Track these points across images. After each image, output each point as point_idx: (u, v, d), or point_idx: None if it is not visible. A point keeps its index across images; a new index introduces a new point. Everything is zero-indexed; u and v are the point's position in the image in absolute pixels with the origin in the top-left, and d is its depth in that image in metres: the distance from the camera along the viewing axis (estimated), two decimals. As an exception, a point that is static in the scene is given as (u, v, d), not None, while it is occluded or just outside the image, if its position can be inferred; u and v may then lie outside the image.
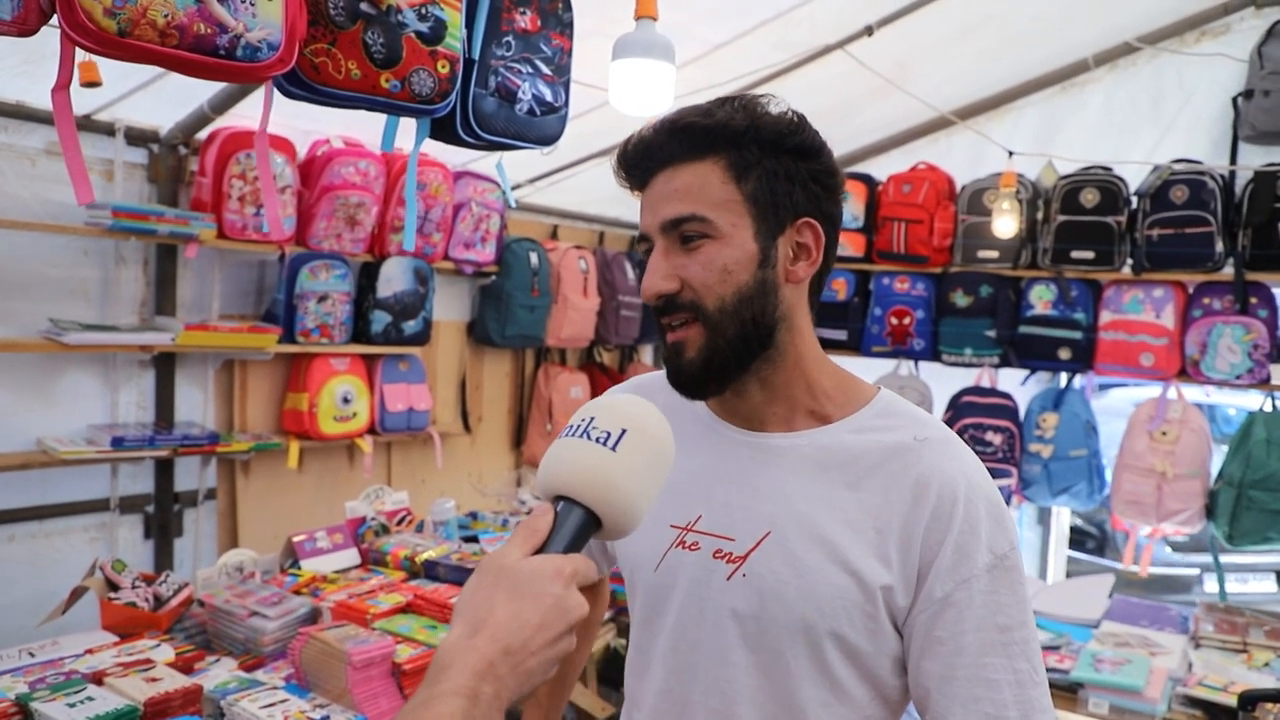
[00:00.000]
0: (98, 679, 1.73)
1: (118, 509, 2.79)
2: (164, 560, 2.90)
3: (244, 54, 1.36)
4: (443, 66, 1.60)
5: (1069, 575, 5.60)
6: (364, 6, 1.51)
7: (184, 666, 1.89)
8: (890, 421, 1.01)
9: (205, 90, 2.60)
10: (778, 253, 0.99)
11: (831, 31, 2.80)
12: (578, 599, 0.72)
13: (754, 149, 0.97)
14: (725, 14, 2.56)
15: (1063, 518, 3.88)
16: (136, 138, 2.74)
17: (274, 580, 2.32)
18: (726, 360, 0.98)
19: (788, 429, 1.03)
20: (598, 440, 0.77)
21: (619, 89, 1.77)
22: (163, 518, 2.89)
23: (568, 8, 1.87)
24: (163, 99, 2.61)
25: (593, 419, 0.79)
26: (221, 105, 2.62)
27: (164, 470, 2.89)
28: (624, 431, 0.77)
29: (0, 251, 2.50)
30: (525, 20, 1.79)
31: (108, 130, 2.67)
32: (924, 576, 0.94)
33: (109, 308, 2.73)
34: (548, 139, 1.89)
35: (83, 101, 2.57)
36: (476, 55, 1.73)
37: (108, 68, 2.12)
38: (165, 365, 2.87)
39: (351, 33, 1.51)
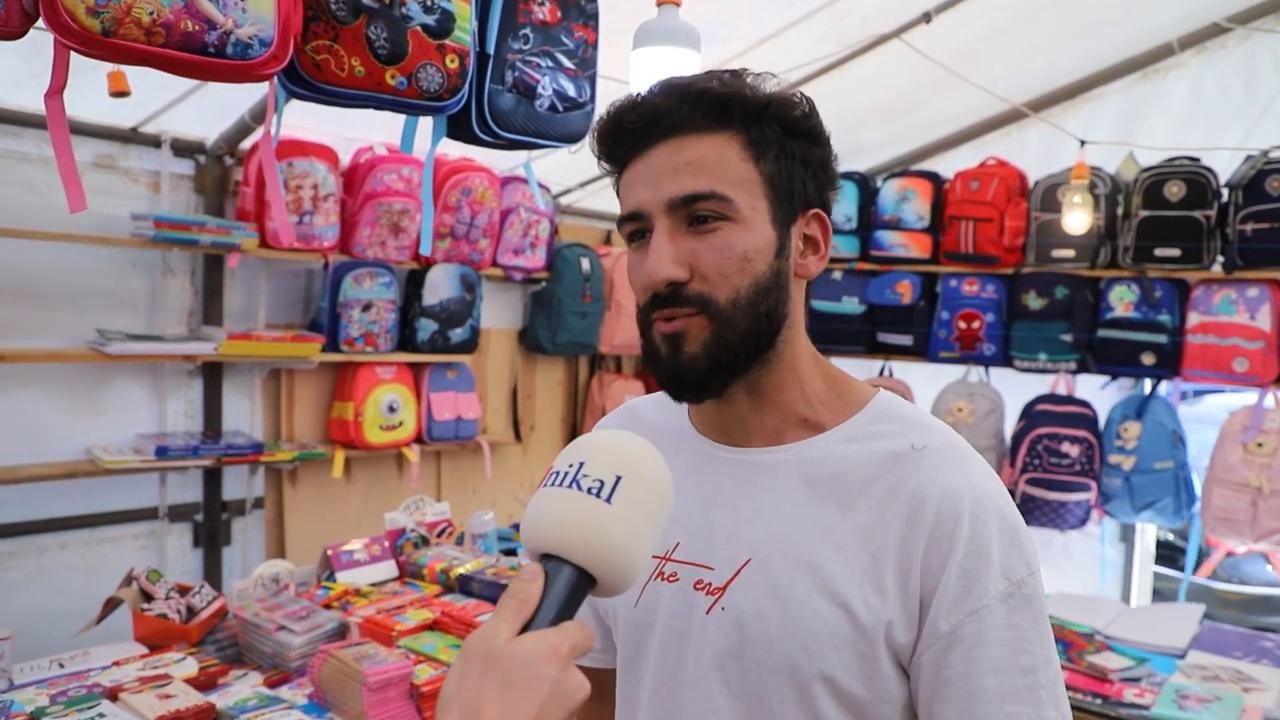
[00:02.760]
0: (114, 694, 1.70)
1: (166, 517, 2.81)
2: (213, 569, 2.91)
3: (235, 51, 1.31)
4: (452, 61, 1.53)
5: (1159, 593, 5.27)
6: (367, 0, 1.45)
7: (206, 681, 1.86)
8: (887, 428, 0.88)
9: (247, 100, 2.60)
10: (791, 243, 0.89)
11: (885, 20, 2.66)
12: (577, 680, 0.63)
13: (774, 126, 0.86)
14: (767, 6, 2.44)
15: (1148, 534, 3.60)
16: (183, 149, 2.76)
17: (306, 593, 2.28)
18: (735, 359, 0.86)
19: (775, 442, 0.91)
20: (589, 491, 0.67)
21: (641, 79, 1.67)
22: (211, 526, 2.90)
23: (591, -2, 1.79)
24: (205, 109, 2.62)
25: (582, 464, 0.69)
26: (262, 114, 2.60)
27: (212, 479, 2.90)
28: (619, 479, 0.68)
29: (50, 264, 2.54)
30: (544, 12, 1.71)
31: (154, 142, 2.69)
32: (926, 608, 0.81)
33: (157, 318, 2.76)
34: (572, 136, 1.81)
35: (128, 113, 2.60)
36: (491, 49, 1.65)
37: (150, 78, 2.13)
38: (213, 375, 2.88)
39: (354, 28, 1.45)
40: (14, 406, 2.50)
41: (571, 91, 1.77)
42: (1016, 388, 3.54)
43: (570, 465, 0.69)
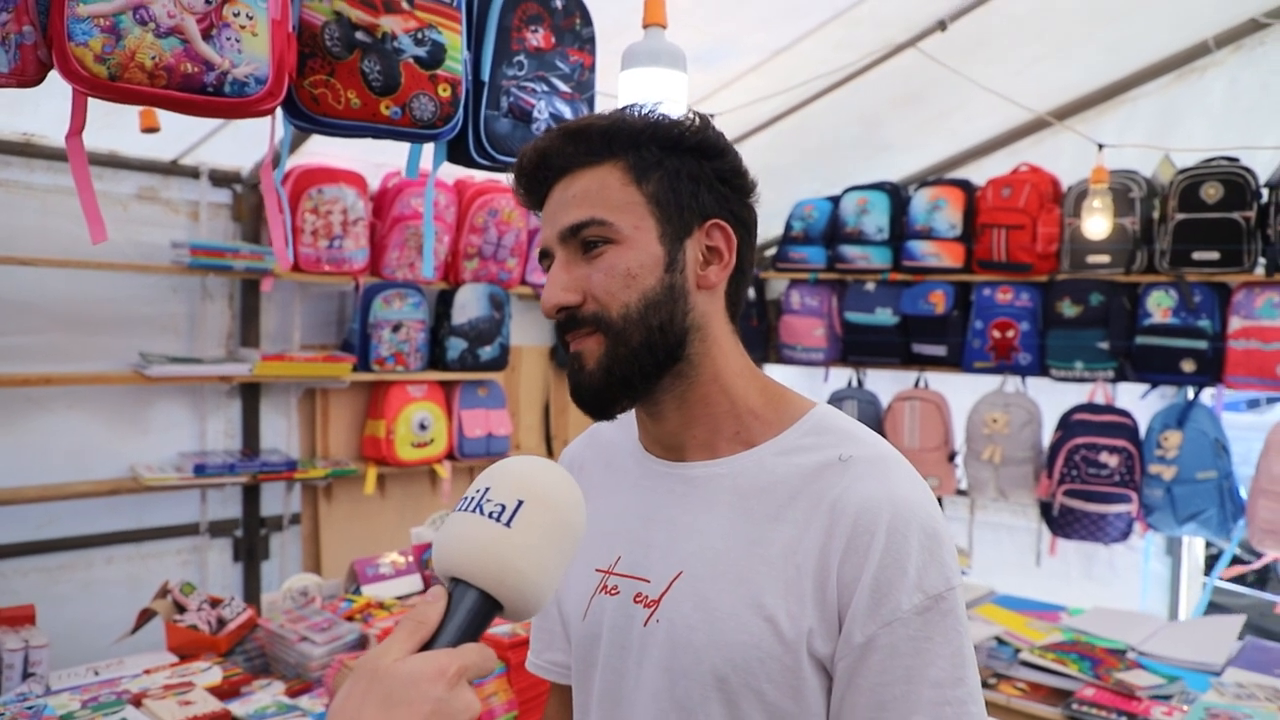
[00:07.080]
0: (138, 700, 1.78)
1: (208, 533, 2.92)
2: (252, 583, 3.01)
3: (232, 89, 1.38)
4: (444, 90, 1.59)
5: (1225, 610, 5.06)
6: (359, 35, 1.51)
7: (229, 690, 1.93)
8: (820, 440, 0.90)
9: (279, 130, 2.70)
10: (685, 256, 0.91)
11: (900, 27, 2.65)
12: (466, 699, 0.63)
13: (653, 148, 0.90)
14: (779, 19, 2.45)
15: (1195, 547, 3.48)
16: (220, 179, 2.89)
17: (331, 606, 2.35)
18: (629, 371, 0.89)
19: (710, 456, 0.93)
20: (491, 515, 0.69)
21: (629, 100, 1.70)
22: (250, 542, 3.01)
23: (586, 23, 1.83)
24: (240, 141, 2.73)
25: (487, 489, 0.71)
26: (293, 143, 2.72)
27: (251, 496, 3.01)
28: (520, 503, 0.70)
29: (97, 292, 2.67)
30: (538, 38, 1.76)
31: (193, 173, 2.82)
32: (843, 619, 0.82)
33: (197, 341, 2.88)
34: (571, 157, 1.85)
35: (168, 147, 2.73)
36: (486, 77, 1.71)
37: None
38: (250, 395, 2.99)
39: (349, 62, 1.52)
40: (62, 427, 2.64)
41: (568, 114, 1.81)
42: (1055, 397, 3.47)
43: (477, 491, 0.72)
